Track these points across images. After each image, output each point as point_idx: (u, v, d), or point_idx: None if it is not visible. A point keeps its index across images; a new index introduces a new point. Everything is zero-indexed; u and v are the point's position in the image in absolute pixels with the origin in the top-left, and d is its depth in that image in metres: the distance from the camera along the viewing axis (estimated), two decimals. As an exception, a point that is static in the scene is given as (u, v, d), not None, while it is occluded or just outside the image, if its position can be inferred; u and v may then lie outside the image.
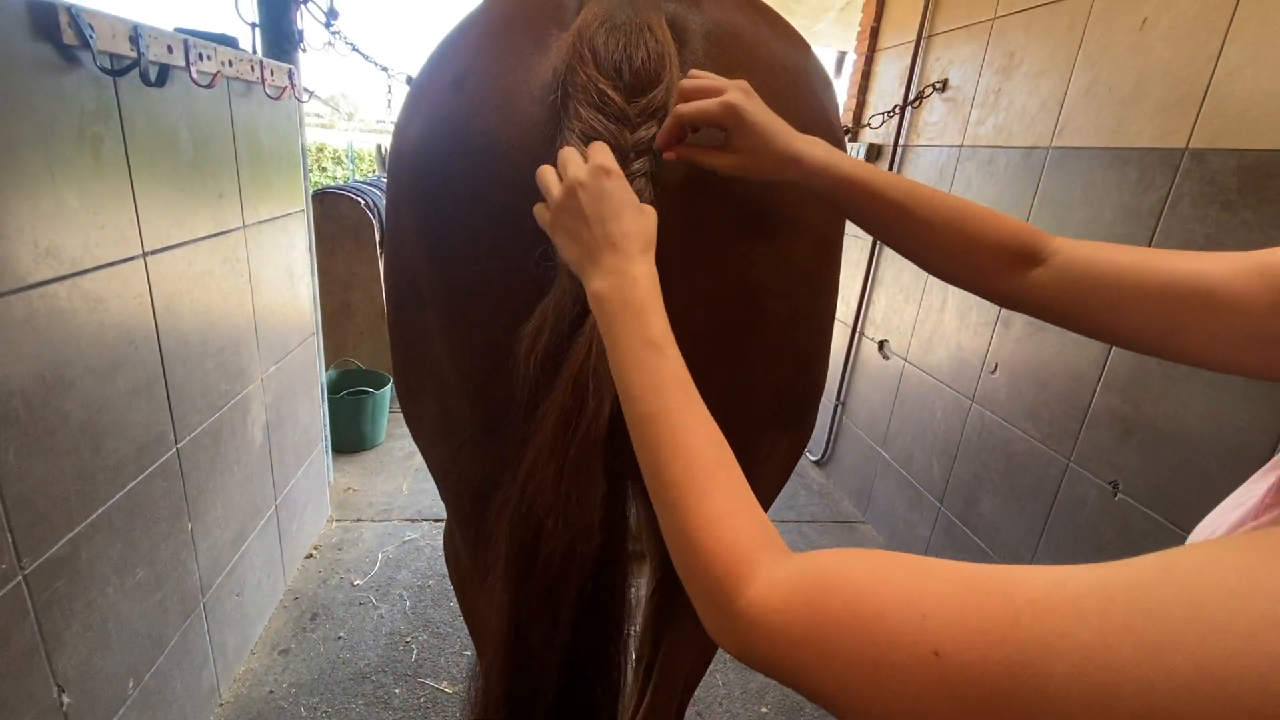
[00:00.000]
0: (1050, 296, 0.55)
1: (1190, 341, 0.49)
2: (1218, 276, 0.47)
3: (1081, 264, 0.53)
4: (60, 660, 1.04)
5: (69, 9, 0.97)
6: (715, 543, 0.40)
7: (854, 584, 0.33)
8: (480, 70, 0.64)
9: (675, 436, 0.44)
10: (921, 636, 0.29)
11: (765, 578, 0.37)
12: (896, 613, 0.31)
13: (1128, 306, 0.51)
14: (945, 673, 0.28)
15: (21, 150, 0.93)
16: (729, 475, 0.43)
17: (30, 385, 0.96)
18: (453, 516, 0.91)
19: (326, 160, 11.09)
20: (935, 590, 0.31)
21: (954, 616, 0.29)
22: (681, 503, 0.42)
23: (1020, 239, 0.56)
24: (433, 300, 0.70)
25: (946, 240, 0.58)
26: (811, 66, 0.78)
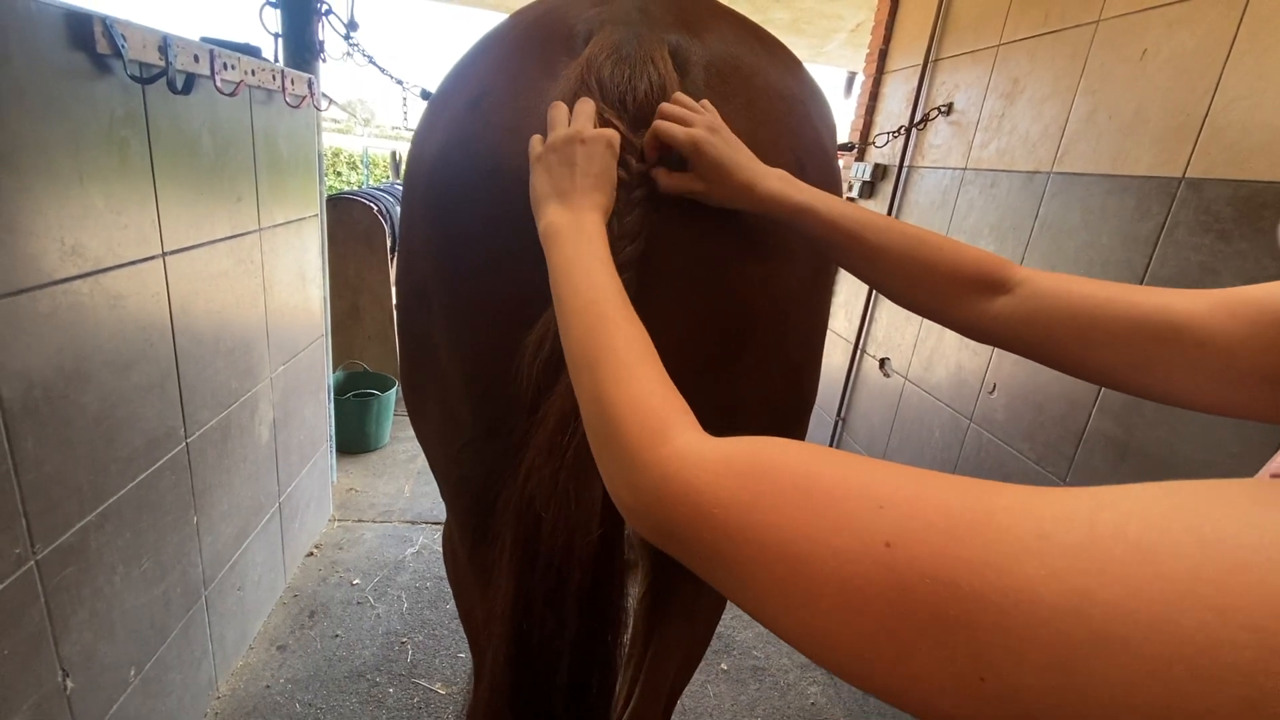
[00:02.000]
0: (1016, 326, 0.55)
1: (1158, 377, 0.49)
2: (1187, 313, 0.47)
3: (1049, 295, 0.53)
4: (66, 645, 1.07)
5: (103, 20, 1.02)
6: (635, 407, 0.39)
7: (802, 463, 0.31)
8: (495, 93, 0.68)
9: (604, 323, 0.46)
10: (875, 523, 0.27)
11: (694, 440, 0.36)
12: (849, 497, 0.28)
13: (1097, 340, 0.50)
14: (894, 564, 0.25)
15: (53, 152, 0.97)
16: (654, 364, 0.44)
17: (50, 377, 1.00)
18: (452, 515, 0.94)
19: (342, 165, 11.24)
20: (894, 482, 0.28)
21: (915, 509, 0.26)
22: (604, 375, 0.42)
23: (982, 267, 0.57)
24: (440, 307, 0.73)
25: (905, 268, 0.59)
26: (808, 95, 0.81)
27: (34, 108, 0.93)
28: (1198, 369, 0.47)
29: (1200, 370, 0.46)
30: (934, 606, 0.24)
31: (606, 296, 0.48)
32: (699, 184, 0.62)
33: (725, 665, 1.90)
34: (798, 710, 1.77)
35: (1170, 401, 0.50)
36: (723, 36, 0.72)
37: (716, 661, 1.91)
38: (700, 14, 0.73)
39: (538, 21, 0.73)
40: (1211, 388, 0.46)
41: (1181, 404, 0.49)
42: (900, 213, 2.62)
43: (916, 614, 0.25)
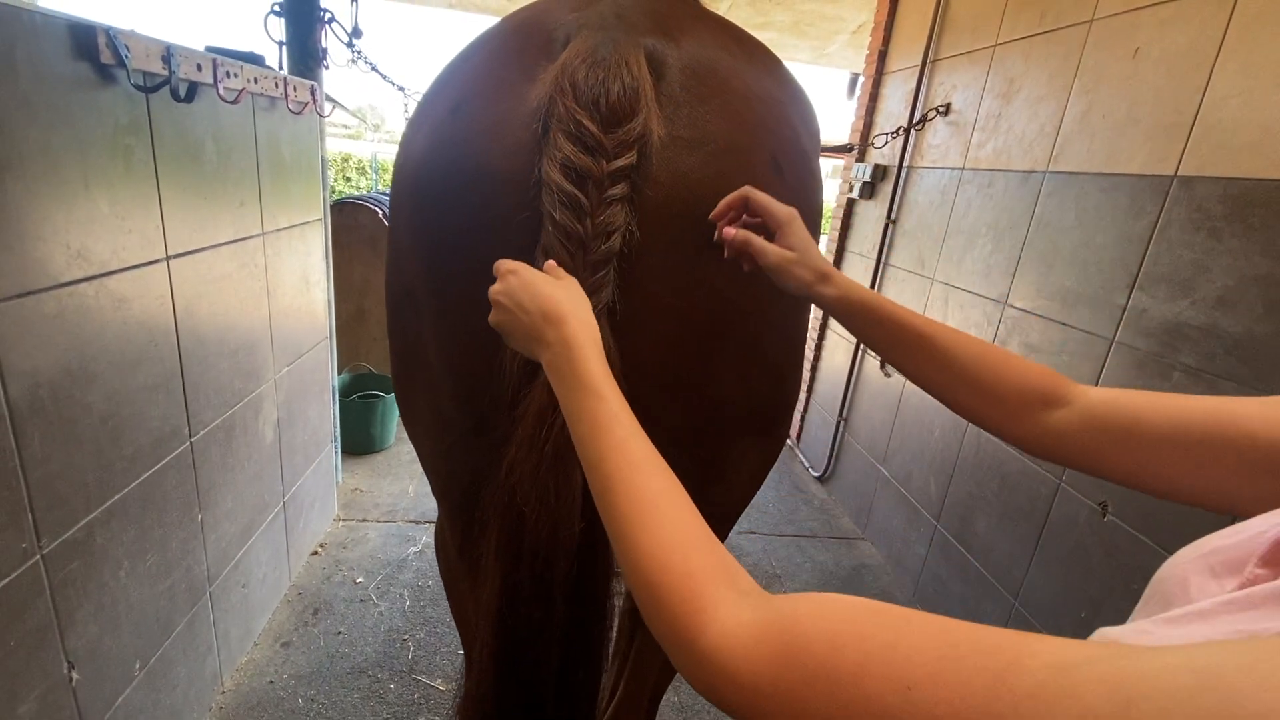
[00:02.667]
0: (1072, 440, 0.54)
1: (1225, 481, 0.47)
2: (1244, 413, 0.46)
3: (1102, 406, 0.53)
4: (72, 638, 1.10)
5: (107, 31, 1.05)
6: (667, 574, 0.39)
7: (829, 637, 0.31)
8: (475, 98, 0.70)
9: (619, 471, 0.46)
10: (903, 710, 0.27)
11: (730, 617, 0.35)
12: (876, 677, 0.28)
13: (1164, 449, 0.49)
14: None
15: (59, 159, 1.01)
16: (674, 504, 0.43)
17: (57, 377, 1.03)
18: (443, 510, 0.96)
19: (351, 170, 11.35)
20: (919, 654, 0.28)
21: (940, 693, 0.26)
22: (633, 537, 0.42)
23: (1045, 380, 0.57)
24: (427, 307, 0.76)
25: (972, 375, 0.59)
26: (789, 97, 0.83)
27: (40, 116, 0.97)
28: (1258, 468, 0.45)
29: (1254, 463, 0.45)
30: None
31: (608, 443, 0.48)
32: (779, 252, 0.66)
33: (723, 663, 1.91)
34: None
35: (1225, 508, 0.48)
36: (700, 40, 0.73)
37: (715, 660, 1.91)
38: (678, 18, 0.75)
39: (518, 28, 0.75)
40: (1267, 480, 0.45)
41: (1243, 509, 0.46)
42: (900, 212, 2.63)
43: None
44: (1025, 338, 1.87)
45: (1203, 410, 0.48)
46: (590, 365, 0.52)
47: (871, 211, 2.86)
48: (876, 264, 2.73)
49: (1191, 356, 1.39)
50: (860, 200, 2.94)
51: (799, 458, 3.33)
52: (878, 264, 2.73)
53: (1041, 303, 1.82)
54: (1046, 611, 1.73)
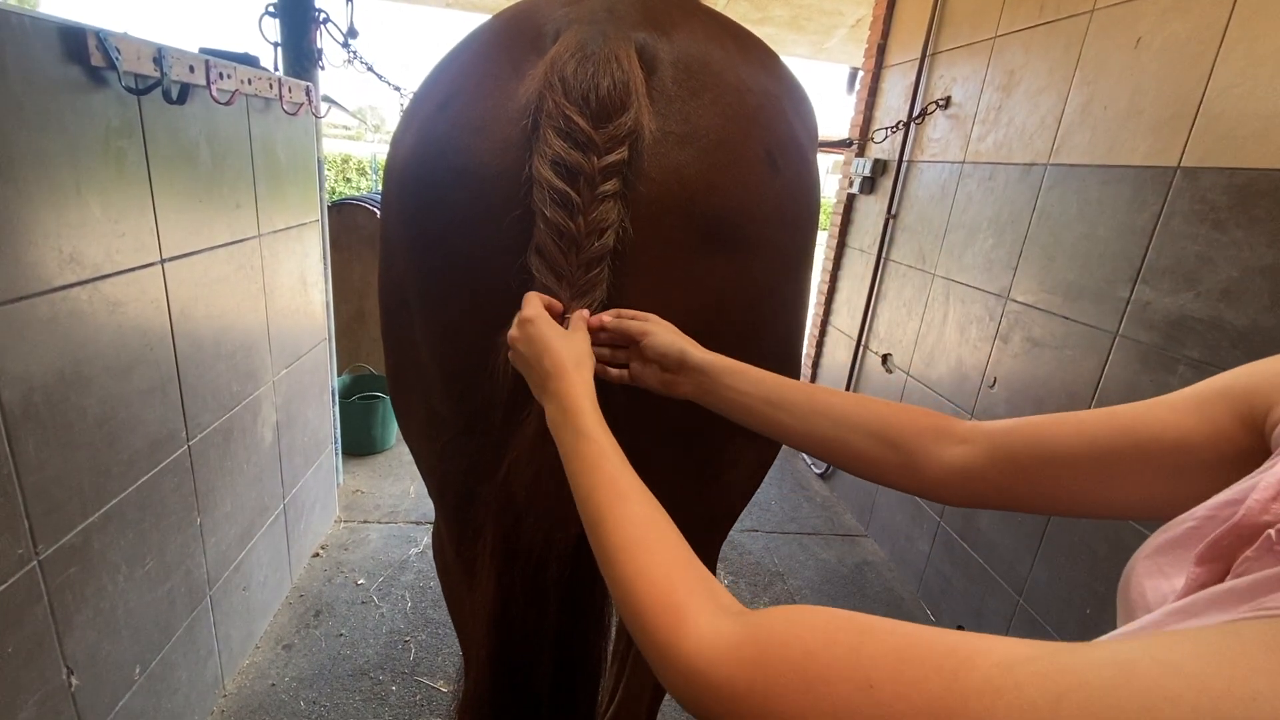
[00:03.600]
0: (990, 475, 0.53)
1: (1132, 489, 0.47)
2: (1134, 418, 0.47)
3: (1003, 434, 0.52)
4: (70, 643, 1.10)
5: (97, 33, 1.04)
6: (651, 591, 0.41)
7: (800, 643, 0.33)
8: (464, 94, 0.69)
9: (607, 502, 0.49)
10: (866, 706, 0.29)
11: (708, 626, 0.38)
12: (841, 679, 0.31)
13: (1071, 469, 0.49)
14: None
15: (51, 163, 1.00)
16: (658, 530, 0.46)
17: (51, 382, 1.02)
18: (439, 511, 0.95)
19: (351, 171, 11.35)
20: (879, 656, 0.30)
21: (897, 686, 0.29)
22: (620, 562, 0.44)
23: (930, 417, 0.57)
24: (417, 306, 0.75)
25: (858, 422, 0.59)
26: (784, 91, 0.82)
27: (31, 120, 0.96)
28: (1163, 470, 0.46)
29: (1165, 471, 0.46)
30: None
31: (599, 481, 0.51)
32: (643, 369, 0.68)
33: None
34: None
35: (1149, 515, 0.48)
36: (693, 34, 0.72)
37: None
38: (670, 12, 0.74)
39: (508, 24, 0.74)
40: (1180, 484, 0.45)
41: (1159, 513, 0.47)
42: (900, 207, 2.61)
43: None
44: (1028, 332, 1.85)
45: (1108, 423, 0.48)
46: (584, 417, 0.56)
47: (872, 206, 2.85)
48: (877, 259, 2.72)
49: (1196, 349, 1.38)
50: (860, 195, 2.93)
51: (801, 455, 3.31)
52: (878, 259, 2.71)
53: (1044, 297, 1.81)
54: (1051, 608, 1.72)
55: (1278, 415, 0.40)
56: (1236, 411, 0.43)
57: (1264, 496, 0.32)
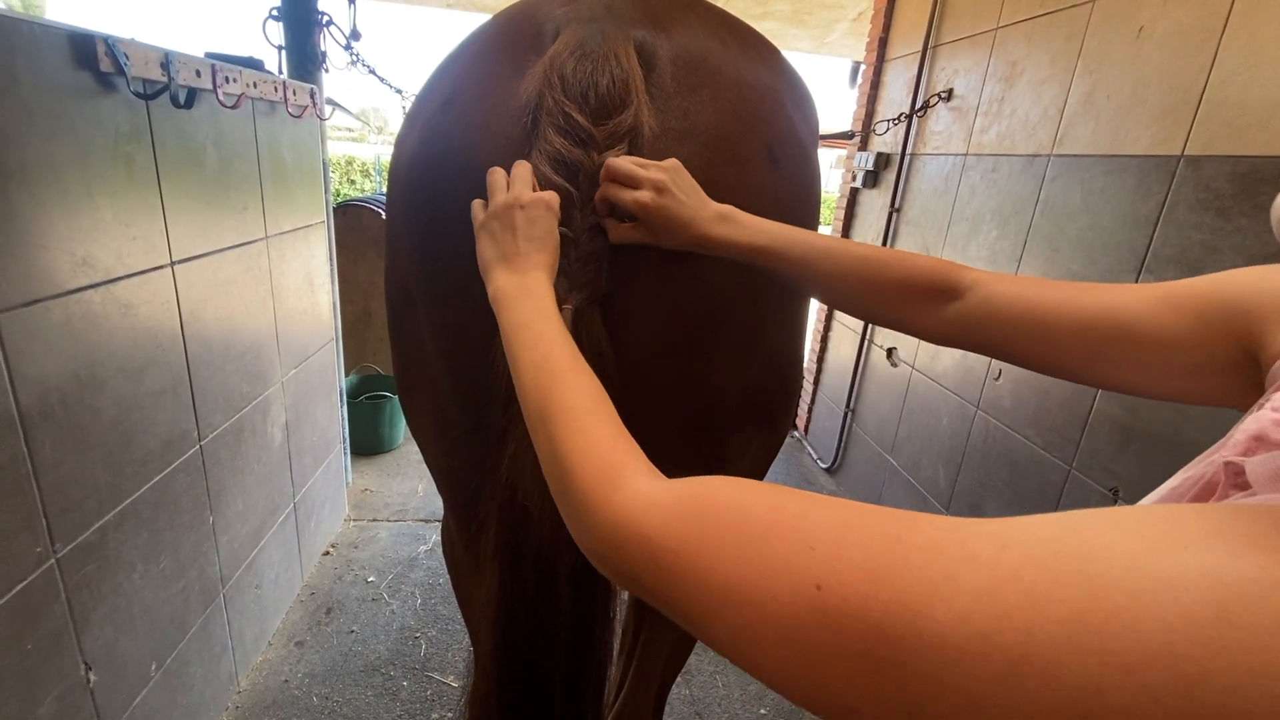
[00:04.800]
0: (970, 330, 0.57)
1: (1113, 371, 0.50)
2: (1132, 312, 0.49)
3: (999, 299, 0.55)
4: (88, 640, 1.12)
5: (105, 40, 1.06)
6: (587, 457, 0.41)
7: (743, 506, 0.33)
8: (466, 93, 0.70)
9: (555, 379, 0.48)
10: (805, 567, 0.28)
11: (645, 485, 0.37)
12: (781, 539, 0.30)
13: (1049, 340, 0.52)
14: (825, 606, 0.27)
15: (62, 169, 1.02)
16: (606, 412, 0.46)
17: (66, 384, 1.04)
18: (448, 508, 0.96)
19: (355, 173, 11.40)
20: (825, 521, 0.30)
21: (842, 551, 0.28)
22: (558, 430, 0.44)
23: (933, 275, 0.59)
24: (423, 305, 0.76)
25: (856, 287, 0.61)
26: (784, 85, 0.82)
27: (42, 126, 0.98)
28: (1149, 363, 0.47)
29: (1151, 364, 0.47)
30: (863, 646, 0.26)
31: (556, 353, 0.51)
32: (649, 238, 0.64)
33: (734, 656, 1.91)
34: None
35: (1125, 391, 0.51)
36: (691, 30, 0.73)
37: (725, 652, 1.92)
38: (669, 8, 0.75)
39: (509, 23, 0.75)
40: (1162, 378, 0.48)
41: (1136, 393, 0.51)
42: (904, 200, 2.61)
43: (849, 653, 0.26)
44: (1032, 324, 1.85)
45: (1102, 309, 0.50)
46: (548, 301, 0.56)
47: (875, 200, 2.84)
48: (881, 253, 2.71)
49: (1201, 338, 1.37)
50: (864, 189, 2.92)
51: (807, 449, 3.32)
52: (882, 253, 2.71)
53: (1048, 288, 1.80)
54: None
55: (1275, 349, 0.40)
56: (1232, 326, 0.44)
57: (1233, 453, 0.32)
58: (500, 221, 0.60)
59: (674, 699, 1.74)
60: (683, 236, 0.63)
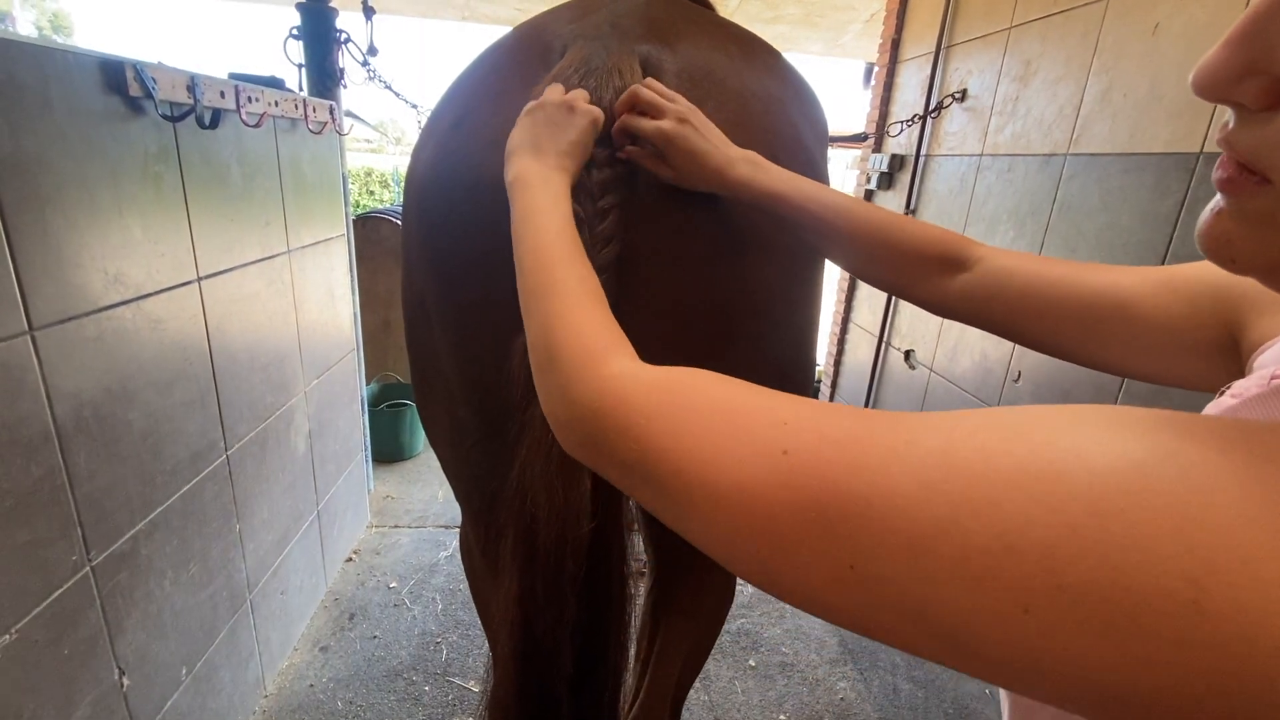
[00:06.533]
0: (975, 303, 0.58)
1: (1111, 352, 0.51)
2: (1132, 292, 0.50)
3: (1005, 273, 0.56)
4: (121, 645, 1.16)
5: (134, 65, 1.10)
6: (580, 334, 0.42)
7: (723, 386, 0.35)
8: (477, 111, 0.72)
9: (558, 260, 0.49)
10: (776, 436, 0.30)
11: (630, 365, 0.39)
12: (756, 414, 0.31)
13: (1050, 316, 0.53)
14: (790, 467, 0.28)
15: (94, 189, 1.06)
16: (602, 303, 0.47)
17: (99, 397, 1.08)
18: (465, 515, 0.98)
19: (374, 184, 11.58)
20: (796, 405, 0.32)
21: (813, 425, 0.30)
22: (555, 305, 0.45)
23: (943, 246, 0.59)
24: (438, 317, 0.78)
25: (870, 249, 0.62)
26: (791, 94, 0.83)
27: (74, 149, 1.02)
28: (1142, 343, 0.49)
29: (1144, 344, 0.49)
30: (818, 504, 0.27)
31: (561, 240, 0.51)
32: (669, 170, 0.64)
33: (753, 661, 1.91)
34: (826, 706, 1.77)
35: (1119, 373, 0.52)
36: (696, 43, 0.74)
37: (744, 658, 1.92)
38: (674, 23, 0.76)
39: (519, 41, 0.77)
40: (1155, 360, 0.49)
41: (1130, 375, 0.52)
42: (919, 202, 2.59)
43: (804, 511, 0.27)
44: (1051, 324, 1.83)
45: (1103, 288, 0.51)
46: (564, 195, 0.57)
47: (890, 202, 2.83)
48: (897, 255, 2.69)
49: (1224, 338, 1.35)
50: (879, 191, 2.91)
51: (826, 453, 3.29)
52: (898, 255, 2.69)
53: (1067, 288, 1.78)
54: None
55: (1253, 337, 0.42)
56: (1220, 311, 0.46)
57: None
58: (546, 114, 0.60)
59: (693, 703, 1.74)
60: (702, 171, 0.63)
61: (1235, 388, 0.35)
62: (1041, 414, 0.26)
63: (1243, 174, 0.27)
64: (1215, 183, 0.29)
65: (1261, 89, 0.25)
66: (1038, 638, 0.22)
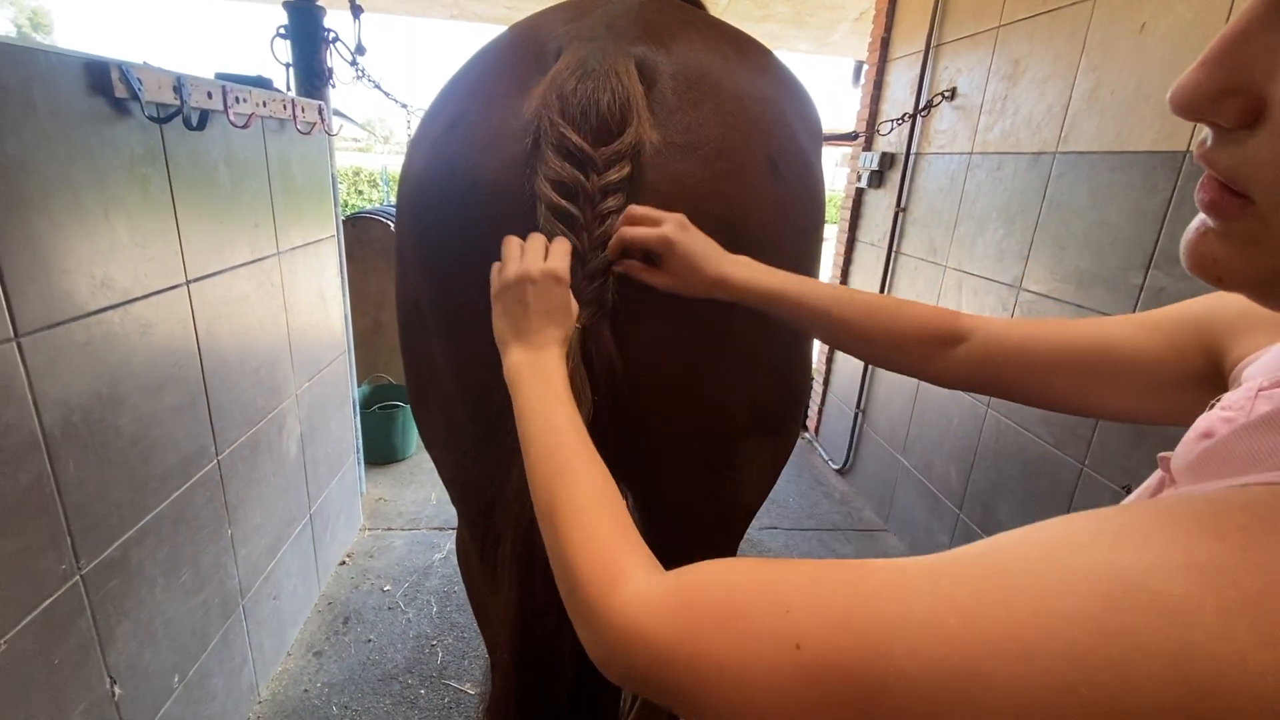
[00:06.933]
0: (976, 370, 0.60)
1: (1102, 397, 0.54)
2: (1116, 335, 0.52)
3: (996, 340, 0.59)
4: (112, 654, 1.14)
5: (119, 66, 1.08)
6: (588, 557, 0.42)
7: (724, 584, 0.34)
8: (471, 114, 0.71)
9: (562, 472, 0.49)
10: (785, 630, 0.30)
11: (640, 583, 0.38)
12: (761, 608, 0.32)
13: (1041, 371, 0.56)
14: (807, 662, 0.29)
15: (80, 192, 1.04)
16: (610, 507, 0.46)
17: (88, 403, 1.06)
18: (462, 518, 0.98)
19: (363, 183, 11.50)
20: (795, 581, 0.32)
21: (811, 605, 0.30)
22: (562, 527, 0.45)
23: (936, 324, 0.62)
24: (433, 321, 0.77)
25: (865, 334, 0.64)
26: (785, 94, 0.83)
27: (60, 152, 1.00)
28: (1130, 385, 0.51)
29: (1131, 386, 0.51)
30: (841, 692, 0.28)
31: (563, 441, 0.51)
32: (666, 279, 0.65)
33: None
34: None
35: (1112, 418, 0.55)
36: (691, 45, 0.74)
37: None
38: (669, 25, 0.76)
39: (513, 42, 0.76)
40: (1144, 400, 0.51)
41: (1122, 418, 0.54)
42: (909, 200, 2.61)
43: (830, 701, 0.28)
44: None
45: (1090, 337, 0.54)
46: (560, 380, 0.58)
47: (881, 200, 2.84)
48: (888, 253, 2.71)
49: (1212, 334, 1.37)
50: (869, 189, 2.92)
51: (818, 451, 3.31)
52: (889, 253, 2.71)
53: (1056, 285, 1.80)
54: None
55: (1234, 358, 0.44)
56: (1200, 341, 0.48)
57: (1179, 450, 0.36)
58: (512, 294, 0.61)
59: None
60: (701, 277, 0.64)
61: (1225, 400, 0.36)
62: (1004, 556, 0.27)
63: (1225, 195, 0.27)
64: (1199, 204, 0.29)
65: (1238, 108, 0.25)
66: None
